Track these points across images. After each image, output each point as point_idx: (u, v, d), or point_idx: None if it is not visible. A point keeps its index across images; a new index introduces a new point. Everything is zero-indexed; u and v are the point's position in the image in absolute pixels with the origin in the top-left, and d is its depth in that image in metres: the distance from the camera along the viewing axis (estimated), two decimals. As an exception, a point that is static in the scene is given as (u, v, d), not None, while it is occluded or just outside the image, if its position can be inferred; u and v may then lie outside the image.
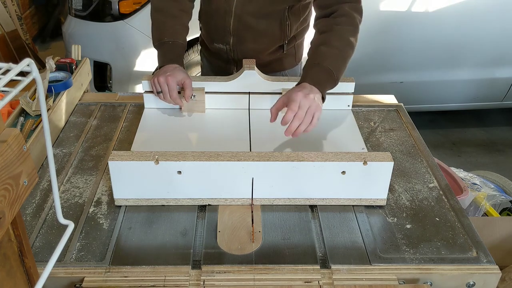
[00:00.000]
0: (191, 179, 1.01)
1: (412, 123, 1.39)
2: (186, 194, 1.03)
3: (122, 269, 0.89)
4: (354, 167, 1.00)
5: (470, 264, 0.91)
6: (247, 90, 1.35)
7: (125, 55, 2.52)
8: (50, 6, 4.42)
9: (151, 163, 0.98)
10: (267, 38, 1.41)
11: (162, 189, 1.02)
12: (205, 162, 0.98)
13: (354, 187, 1.03)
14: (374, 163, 0.99)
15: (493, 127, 3.27)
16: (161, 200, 1.04)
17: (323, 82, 1.15)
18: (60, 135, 1.30)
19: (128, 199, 1.04)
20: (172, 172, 0.99)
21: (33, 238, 0.95)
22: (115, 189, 1.02)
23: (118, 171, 0.99)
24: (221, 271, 0.88)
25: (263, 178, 1.01)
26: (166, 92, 1.25)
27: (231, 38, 1.41)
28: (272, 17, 1.37)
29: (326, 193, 1.04)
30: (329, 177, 1.01)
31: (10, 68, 0.50)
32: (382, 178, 1.02)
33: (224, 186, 1.02)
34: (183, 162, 0.98)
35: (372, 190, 1.04)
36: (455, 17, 2.63)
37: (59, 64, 1.48)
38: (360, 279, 0.88)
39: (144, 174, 0.99)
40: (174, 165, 0.98)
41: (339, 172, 1.00)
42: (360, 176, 1.01)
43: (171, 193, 1.03)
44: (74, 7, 2.55)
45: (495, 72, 2.86)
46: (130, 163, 0.98)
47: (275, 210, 1.04)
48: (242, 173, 1.00)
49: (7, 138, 0.52)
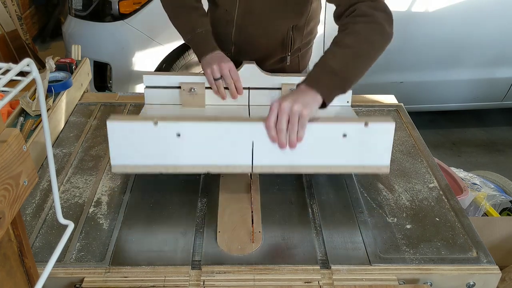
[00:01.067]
0: (190, 143, 0.98)
1: (412, 123, 1.39)
2: (185, 160, 1.00)
3: (122, 269, 0.89)
4: (355, 129, 0.98)
5: (470, 264, 0.91)
6: (247, 85, 1.34)
7: (125, 55, 2.52)
8: (50, 6, 4.42)
9: (150, 124, 0.96)
10: (268, 50, 1.41)
11: (161, 154, 0.99)
12: (204, 123, 0.96)
13: (356, 151, 1.01)
14: (375, 124, 0.98)
15: (493, 127, 3.27)
16: (160, 167, 1.01)
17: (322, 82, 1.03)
18: (60, 135, 1.30)
19: (126, 166, 1.01)
20: (171, 135, 0.97)
21: (33, 238, 0.95)
22: (113, 154, 1.00)
23: (117, 133, 0.97)
24: (221, 271, 0.88)
25: (263, 142, 0.98)
26: (228, 76, 1.24)
27: (233, 47, 1.42)
28: (274, 33, 1.36)
29: (328, 159, 1.01)
30: (330, 140, 0.99)
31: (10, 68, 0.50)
32: (384, 141, 1.00)
33: (224, 150, 0.99)
34: (183, 123, 0.96)
35: (374, 155, 1.02)
36: (455, 17, 2.63)
37: (59, 64, 1.48)
38: (360, 279, 0.88)
39: (143, 137, 0.97)
40: (173, 127, 0.96)
41: (340, 135, 0.98)
42: (361, 139, 0.99)
43: (170, 159, 1.00)
44: (74, 7, 2.55)
45: (495, 72, 2.86)
46: (129, 124, 0.96)
47: (275, 205, 1.04)
48: (242, 135, 0.97)
49: (7, 138, 0.52)
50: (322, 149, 1.00)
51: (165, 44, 2.47)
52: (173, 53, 2.50)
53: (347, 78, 1.04)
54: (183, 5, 1.35)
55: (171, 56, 2.51)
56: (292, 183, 1.13)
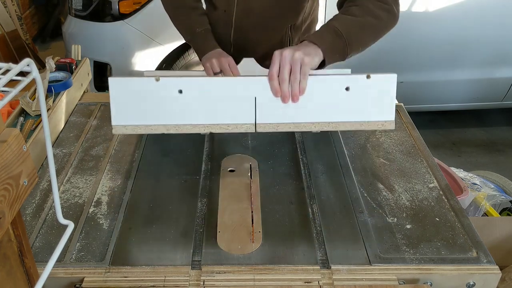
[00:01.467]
0: (192, 100, 0.97)
1: (412, 123, 1.39)
2: (187, 118, 0.99)
3: (122, 269, 0.89)
4: (358, 82, 0.97)
5: (470, 264, 0.91)
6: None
7: (125, 55, 2.52)
8: (50, 6, 4.42)
9: (152, 80, 0.95)
10: (267, 50, 1.40)
11: (162, 112, 0.98)
12: (206, 79, 0.95)
13: (359, 105, 1.00)
14: (377, 76, 0.97)
15: (493, 127, 3.27)
16: (161, 127, 1.00)
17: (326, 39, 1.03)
18: (60, 135, 1.30)
19: (127, 126, 1.00)
20: (173, 92, 0.96)
21: (33, 238, 0.95)
22: (114, 113, 0.99)
23: (118, 90, 0.96)
24: (221, 271, 0.88)
25: (266, 98, 0.96)
26: (228, 69, 1.24)
27: (231, 48, 1.42)
28: (272, 32, 1.37)
29: (331, 114, 1.01)
30: (333, 94, 0.98)
31: (10, 68, 0.50)
32: (387, 94, 1.00)
33: (227, 107, 0.98)
34: (185, 79, 0.95)
35: (378, 109, 1.01)
36: (455, 17, 2.63)
37: (59, 64, 1.48)
38: (360, 279, 0.88)
39: (144, 94, 0.96)
40: (175, 83, 0.95)
41: (343, 88, 0.98)
42: (364, 92, 0.98)
43: (172, 118, 0.99)
44: (74, 7, 2.55)
45: (495, 72, 2.86)
46: (131, 80, 0.95)
47: (275, 205, 1.04)
48: (244, 91, 0.96)
49: (7, 138, 0.52)
50: (325, 104, 0.98)
51: (165, 44, 2.47)
52: (173, 53, 2.50)
53: (349, 43, 1.04)
54: (182, 5, 1.36)
55: (171, 56, 2.52)
56: (292, 183, 1.13)
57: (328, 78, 0.95)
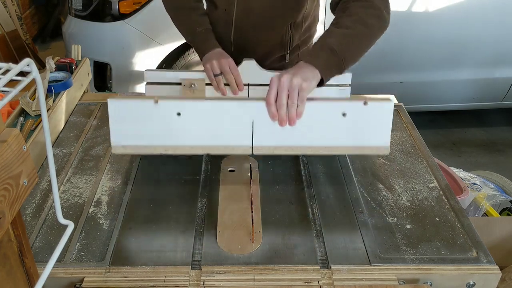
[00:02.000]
0: (190, 122, 0.98)
1: (412, 123, 1.39)
2: (185, 140, 1.00)
3: (122, 269, 0.89)
4: (355, 108, 0.98)
5: (470, 264, 0.91)
6: (246, 81, 1.35)
7: (125, 55, 2.52)
8: (50, 6, 4.42)
9: (150, 102, 0.96)
10: (268, 49, 1.41)
11: (161, 133, 0.99)
12: (205, 102, 0.96)
13: (355, 131, 1.01)
14: (374, 103, 0.98)
15: (493, 127, 3.27)
16: (160, 148, 1.01)
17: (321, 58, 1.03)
18: (60, 135, 1.30)
19: (126, 146, 1.01)
20: (172, 114, 0.97)
21: (33, 238, 0.95)
22: (113, 133, 0.99)
23: (117, 112, 0.97)
24: (221, 271, 0.88)
25: (263, 122, 0.97)
26: (228, 71, 1.24)
27: (232, 47, 1.42)
28: (273, 31, 1.36)
29: (327, 139, 1.01)
30: (329, 119, 0.98)
31: (10, 68, 0.50)
32: (383, 120, 1.00)
33: (224, 130, 0.99)
34: (183, 102, 0.96)
35: (374, 135, 1.01)
36: (455, 17, 2.63)
37: (59, 64, 1.48)
38: (360, 279, 0.88)
39: (143, 116, 0.97)
40: (174, 105, 0.96)
41: (339, 114, 0.98)
42: (361, 118, 0.99)
43: (170, 139, 1.00)
44: (74, 7, 2.55)
45: (495, 72, 2.86)
46: (130, 102, 0.96)
47: (275, 205, 1.04)
48: (242, 114, 0.97)
49: (7, 138, 0.52)
50: (321, 129, 0.99)
51: (165, 44, 2.47)
52: (173, 53, 2.50)
53: (344, 58, 1.04)
54: (182, 6, 1.36)
55: (171, 56, 2.51)
56: (292, 183, 1.13)
57: (325, 104, 0.95)
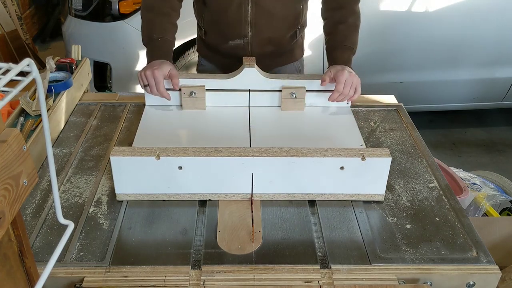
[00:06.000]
0: (191, 174, 1.01)
1: (412, 123, 1.39)
2: (186, 189, 1.04)
3: (122, 269, 0.89)
4: (353, 163, 1.01)
5: (470, 264, 0.91)
6: (247, 87, 1.35)
7: (125, 55, 2.52)
8: (50, 6, 4.42)
9: (152, 158, 0.99)
10: (284, 23, 1.44)
11: (163, 184, 1.03)
12: (205, 158, 0.99)
13: (352, 182, 1.04)
14: (372, 159, 1.00)
15: (493, 127, 3.27)
16: (162, 195, 1.05)
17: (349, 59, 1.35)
18: (60, 135, 1.30)
19: (130, 195, 1.04)
20: (173, 167, 1.00)
21: (33, 238, 0.95)
22: (117, 184, 1.03)
23: (119, 166, 1.00)
24: (221, 271, 0.88)
25: (262, 173, 1.02)
26: (153, 85, 1.27)
27: (249, 30, 1.42)
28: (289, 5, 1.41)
29: (325, 188, 1.05)
30: (327, 172, 1.02)
31: (10, 68, 0.50)
32: (380, 174, 1.03)
33: (224, 181, 1.03)
34: (184, 158, 0.99)
35: (370, 185, 1.05)
36: (455, 17, 2.63)
37: (59, 64, 1.48)
38: (360, 279, 0.88)
39: (145, 169, 1.00)
40: (175, 161, 0.99)
41: (337, 168, 1.01)
42: (358, 171, 1.02)
43: (172, 189, 1.04)
44: (74, 7, 2.55)
45: (495, 72, 2.86)
46: (132, 158, 0.99)
47: (275, 205, 1.04)
48: (242, 168, 1.01)
49: (7, 138, 0.52)
50: (319, 180, 1.04)
51: (165, 44, 2.46)
52: (173, 53, 2.50)
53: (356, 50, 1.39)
54: (151, 8, 1.36)
55: (171, 56, 2.51)
56: (292, 183, 1.13)
57: (324, 159, 1.00)
